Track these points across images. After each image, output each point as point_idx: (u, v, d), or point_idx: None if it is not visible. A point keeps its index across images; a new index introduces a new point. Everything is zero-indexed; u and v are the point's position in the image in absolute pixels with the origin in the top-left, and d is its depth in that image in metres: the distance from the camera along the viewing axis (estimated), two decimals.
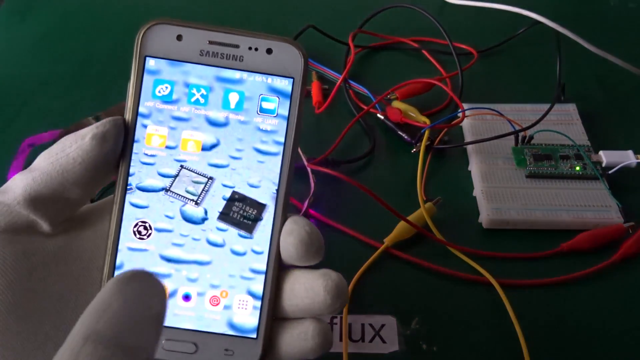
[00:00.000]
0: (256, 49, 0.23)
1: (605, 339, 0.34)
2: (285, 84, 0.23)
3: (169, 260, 0.24)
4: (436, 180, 0.43)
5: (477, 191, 0.41)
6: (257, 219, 0.24)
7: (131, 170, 0.23)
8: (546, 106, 0.45)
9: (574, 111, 0.47)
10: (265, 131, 0.23)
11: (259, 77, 0.23)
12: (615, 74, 0.51)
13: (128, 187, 0.23)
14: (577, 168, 0.41)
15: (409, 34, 0.57)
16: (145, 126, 0.23)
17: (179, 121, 0.23)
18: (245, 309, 0.24)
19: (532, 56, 0.55)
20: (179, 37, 0.22)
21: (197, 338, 0.23)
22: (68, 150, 0.22)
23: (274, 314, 0.24)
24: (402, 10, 0.57)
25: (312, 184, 0.41)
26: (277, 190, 0.23)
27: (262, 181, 0.24)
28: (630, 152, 0.42)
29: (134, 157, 0.23)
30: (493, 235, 0.39)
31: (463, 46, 0.55)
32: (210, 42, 0.22)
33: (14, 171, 0.43)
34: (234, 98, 0.23)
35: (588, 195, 0.40)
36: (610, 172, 0.41)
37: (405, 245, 0.38)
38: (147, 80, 0.23)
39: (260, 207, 0.24)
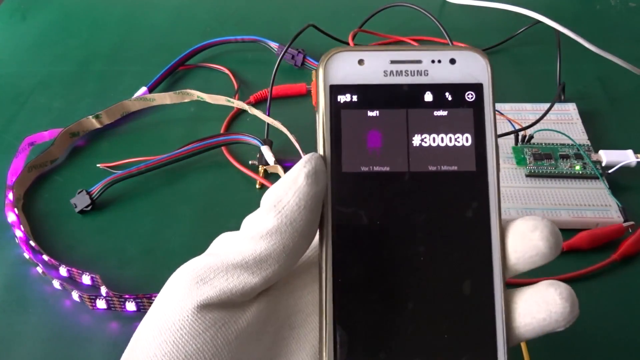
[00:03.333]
0: (439, 61, 0.22)
1: (604, 338, 0.34)
2: (474, 91, 0.23)
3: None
4: None
5: None
6: None
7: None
8: (546, 105, 0.45)
9: (574, 110, 0.47)
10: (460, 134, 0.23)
11: (446, 88, 0.23)
12: (615, 74, 0.51)
13: None
14: (577, 167, 0.41)
15: (409, 34, 0.57)
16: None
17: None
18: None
19: (532, 56, 0.55)
20: (361, 62, 0.22)
21: None
22: (288, 198, 0.20)
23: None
24: (402, 10, 0.57)
25: None
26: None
27: None
28: (630, 152, 0.42)
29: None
30: None
31: (463, 45, 0.55)
32: (392, 62, 0.22)
33: (14, 170, 0.43)
34: (425, 115, 0.22)
35: (588, 194, 0.40)
36: (610, 171, 0.41)
37: None
38: (336, 109, 0.22)
39: None
